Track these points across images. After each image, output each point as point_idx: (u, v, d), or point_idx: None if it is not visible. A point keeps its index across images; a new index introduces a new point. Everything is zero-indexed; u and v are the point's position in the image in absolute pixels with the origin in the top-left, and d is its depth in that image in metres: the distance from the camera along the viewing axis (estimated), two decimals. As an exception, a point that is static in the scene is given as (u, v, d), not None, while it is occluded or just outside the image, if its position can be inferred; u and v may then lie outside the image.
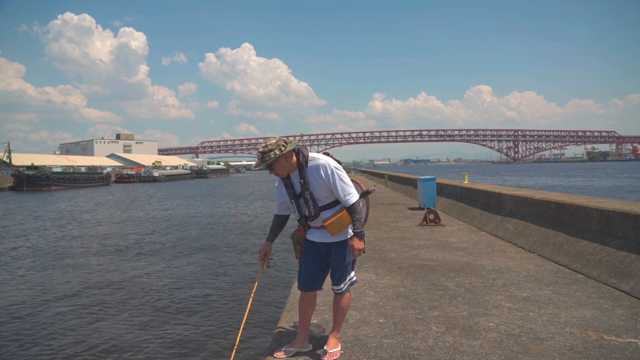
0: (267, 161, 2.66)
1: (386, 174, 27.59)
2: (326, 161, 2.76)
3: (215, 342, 6.08)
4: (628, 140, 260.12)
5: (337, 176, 2.73)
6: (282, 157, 2.70)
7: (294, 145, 2.74)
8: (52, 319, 7.11)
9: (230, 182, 70.39)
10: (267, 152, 2.67)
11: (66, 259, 11.73)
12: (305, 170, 2.75)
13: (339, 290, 2.92)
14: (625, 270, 4.45)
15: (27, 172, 49.26)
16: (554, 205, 6.40)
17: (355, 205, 2.75)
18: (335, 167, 2.77)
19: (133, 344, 6.05)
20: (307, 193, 2.76)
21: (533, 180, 54.05)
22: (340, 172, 2.76)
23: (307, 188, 2.75)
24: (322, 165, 2.73)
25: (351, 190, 2.76)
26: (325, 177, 2.72)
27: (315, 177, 2.74)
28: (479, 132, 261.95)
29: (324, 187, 2.75)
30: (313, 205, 2.78)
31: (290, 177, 2.82)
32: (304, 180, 2.75)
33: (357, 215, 2.75)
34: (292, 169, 2.78)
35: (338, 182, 2.72)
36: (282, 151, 2.66)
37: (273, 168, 2.73)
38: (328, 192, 2.77)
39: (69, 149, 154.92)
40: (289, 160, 2.75)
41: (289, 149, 2.69)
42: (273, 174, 2.78)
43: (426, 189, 12.04)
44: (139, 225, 18.80)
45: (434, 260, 5.89)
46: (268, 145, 2.68)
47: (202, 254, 12.33)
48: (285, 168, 2.75)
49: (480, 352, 2.98)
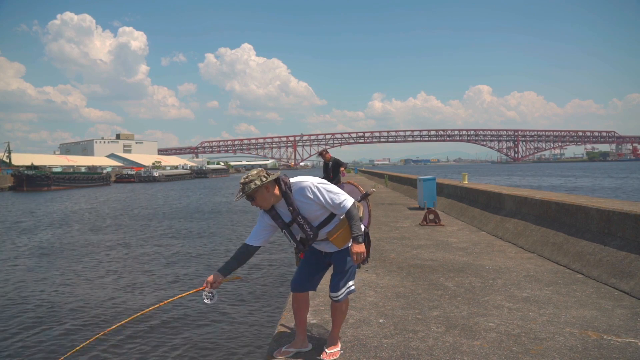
0: (247, 191, 2.65)
1: (386, 174, 27.58)
2: (309, 181, 2.74)
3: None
4: (628, 140, 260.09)
5: (323, 191, 2.71)
6: (263, 187, 2.67)
7: (275, 177, 2.72)
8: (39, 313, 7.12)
9: (231, 182, 70.39)
10: (247, 182, 2.66)
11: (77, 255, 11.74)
12: (291, 197, 2.72)
13: (336, 298, 2.88)
14: (625, 270, 4.45)
15: (27, 172, 49.25)
16: (554, 205, 6.40)
17: (350, 210, 2.73)
18: (319, 182, 2.76)
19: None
20: (299, 218, 2.74)
21: (533, 180, 54.06)
22: (324, 185, 2.75)
23: (298, 213, 2.73)
24: (306, 187, 2.71)
25: (342, 197, 2.73)
26: (313, 197, 2.70)
27: (302, 199, 2.72)
28: (479, 132, 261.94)
29: (315, 206, 2.73)
30: (309, 227, 2.76)
31: (276, 208, 2.79)
32: (292, 207, 2.73)
33: (354, 220, 2.73)
34: (276, 199, 2.76)
35: (326, 195, 2.71)
36: (263, 181, 2.65)
37: (254, 199, 2.70)
38: (320, 209, 2.75)
39: (68, 149, 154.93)
40: (271, 191, 2.72)
41: (270, 180, 2.68)
42: (255, 205, 2.74)
43: (426, 189, 12.04)
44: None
45: (434, 260, 5.88)
46: (249, 177, 2.67)
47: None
48: (267, 199, 2.72)
49: (480, 352, 2.98)
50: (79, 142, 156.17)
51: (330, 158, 9.70)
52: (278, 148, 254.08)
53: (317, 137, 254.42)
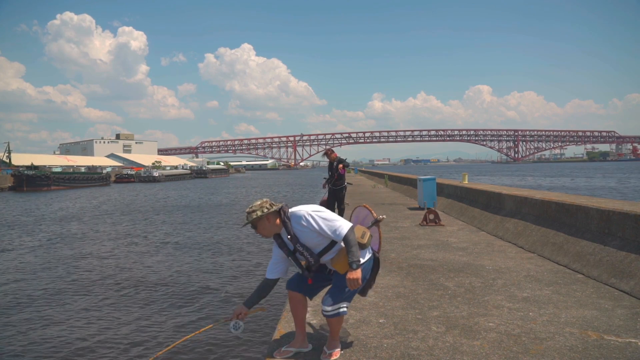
0: (250, 220, 2.80)
1: (386, 174, 27.57)
2: (304, 210, 2.83)
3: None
4: (628, 140, 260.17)
5: (317, 218, 2.78)
6: (265, 217, 2.81)
7: (277, 207, 2.83)
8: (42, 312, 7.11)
9: (232, 182, 70.40)
10: (250, 212, 2.81)
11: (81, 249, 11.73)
12: (290, 225, 2.82)
13: (325, 313, 2.86)
14: (625, 270, 4.45)
15: (27, 172, 49.24)
16: (554, 205, 6.40)
17: (347, 236, 2.75)
18: (314, 210, 2.83)
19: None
20: (298, 245, 2.83)
21: (533, 180, 54.07)
22: (319, 213, 2.81)
23: (297, 241, 2.82)
24: (302, 216, 2.80)
25: (337, 224, 2.78)
26: (307, 224, 2.78)
27: (299, 228, 2.81)
28: (479, 132, 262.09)
29: (312, 234, 2.80)
30: (309, 254, 2.84)
31: (281, 236, 2.90)
32: (291, 235, 2.82)
33: (350, 246, 2.73)
34: (278, 229, 2.87)
35: (321, 222, 2.78)
36: (264, 212, 2.78)
37: (256, 227, 2.85)
38: (317, 237, 2.81)
39: (68, 149, 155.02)
40: (272, 221, 2.84)
41: (271, 211, 2.80)
42: (258, 233, 2.89)
43: (426, 189, 12.04)
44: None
45: (434, 260, 5.88)
46: (253, 207, 2.83)
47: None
48: (268, 229, 2.85)
49: (480, 352, 2.98)
50: (79, 142, 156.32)
51: (336, 157, 9.61)
52: (278, 148, 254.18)
53: (317, 137, 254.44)
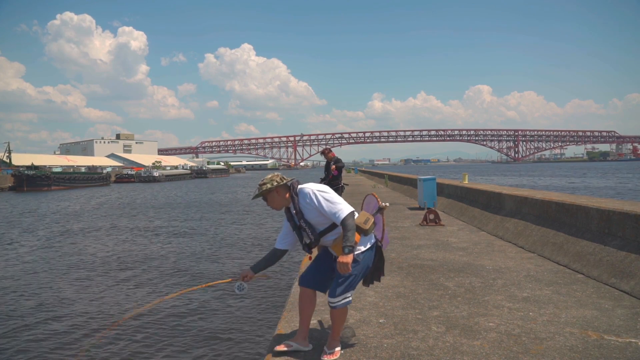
0: (260, 191, 2.96)
1: (386, 174, 27.58)
2: (310, 188, 2.95)
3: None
4: (628, 140, 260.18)
5: (320, 198, 2.87)
6: (274, 190, 2.95)
7: (287, 182, 2.99)
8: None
9: (232, 182, 70.43)
10: (261, 184, 2.97)
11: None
12: (297, 200, 2.95)
13: (332, 304, 2.87)
14: (625, 270, 4.45)
15: (27, 172, 49.26)
16: (554, 205, 6.39)
17: (345, 220, 2.78)
18: (319, 190, 2.93)
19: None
20: (302, 221, 2.94)
21: (533, 180, 54.07)
22: (323, 193, 2.90)
23: (301, 217, 2.94)
24: (307, 193, 2.92)
25: (338, 207, 2.84)
26: (310, 202, 2.88)
27: (304, 204, 2.92)
28: (479, 132, 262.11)
29: (315, 212, 2.89)
30: (311, 231, 2.93)
31: (290, 210, 3.03)
32: (296, 210, 2.95)
33: (347, 230, 2.76)
34: (286, 202, 3.01)
35: (323, 202, 2.85)
36: (274, 185, 2.94)
37: (266, 199, 3.01)
38: (319, 216, 2.89)
39: (68, 149, 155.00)
40: (281, 194, 2.98)
41: (281, 184, 2.95)
42: (268, 205, 3.04)
43: (426, 188, 12.04)
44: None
45: (434, 260, 5.88)
46: (264, 180, 2.99)
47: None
48: (277, 201, 2.99)
49: (480, 352, 2.98)
50: (79, 142, 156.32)
51: (333, 157, 9.47)
52: (278, 148, 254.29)
53: (317, 137, 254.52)
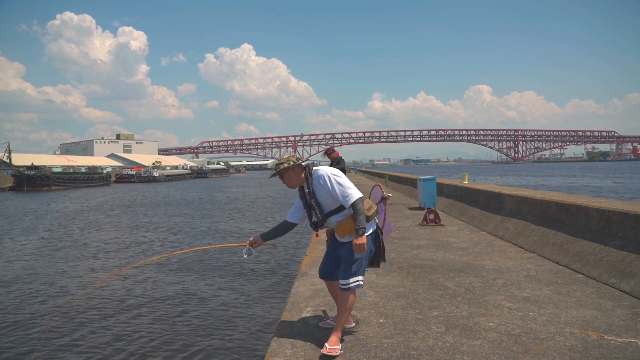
0: (278, 170, 3.18)
1: (386, 174, 27.57)
2: (325, 171, 3.15)
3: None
4: (628, 140, 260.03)
5: (333, 181, 3.08)
6: (291, 169, 3.18)
7: (303, 162, 3.22)
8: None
9: (232, 182, 70.42)
10: (280, 163, 3.20)
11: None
12: (310, 181, 3.16)
13: (344, 286, 3.05)
14: (625, 270, 4.45)
15: (27, 172, 49.26)
16: (554, 205, 6.40)
17: (355, 203, 2.99)
18: (333, 173, 3.12)
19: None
20: (313, 201, 3.16)
21: (533, 180, 54.06)
22: (337, 177, 3.10)
23: (313, 196, 3.16)
24: (321, 175, 3.13)
25: (349, 192, 3.03)
26: (324, 184, 3.09)
27: (317, 186, 3.14)
28: (479, 132, 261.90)
29: (327, 194, 3.10)
30: (320, 211, 3.15)
31: (304, 189, 3.25)
32: (309, 190, 3.17)
33: (357, 213, 2.98)
34: (301, 182, 3.23)
35: (336, 186, 3.06)
36: (290, 165, 3.16)
37: (282, 177, 3.22)
38: (331, 199, 3.11)
39: (69, 149, 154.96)
40: (297, 174, 3.21)
41: (297, 164, 3.18)
42: (284, 183, 3.24)
43: (426, 188, 12.03)
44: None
45: (434, 260, 5.89)
46: (281, 160, 3.22)
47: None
48: (293, 180, 3.21)
49: (480, 352, 2.98)
50: (79, 142, 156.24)
51: (337, 157, 9.29)
52: (278, 148, 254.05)
53: (317, 137, 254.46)
